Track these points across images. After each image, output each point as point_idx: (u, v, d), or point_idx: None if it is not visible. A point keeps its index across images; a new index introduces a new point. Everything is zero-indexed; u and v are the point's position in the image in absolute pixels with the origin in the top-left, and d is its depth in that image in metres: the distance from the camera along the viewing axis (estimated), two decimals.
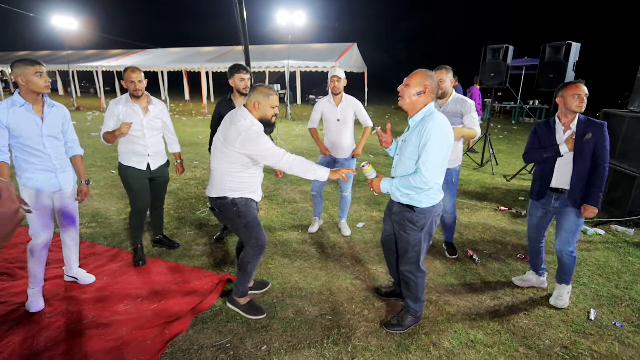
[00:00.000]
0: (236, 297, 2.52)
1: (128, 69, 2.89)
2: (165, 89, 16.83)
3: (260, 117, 2.27)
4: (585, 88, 2.42)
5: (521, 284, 2.92)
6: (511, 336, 2.33)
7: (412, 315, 2.39)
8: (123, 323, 2.41)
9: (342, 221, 3.91)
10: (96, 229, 3.85)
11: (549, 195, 2.63)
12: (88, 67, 18.43)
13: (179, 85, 21.21)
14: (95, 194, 4.93)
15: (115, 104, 2.93)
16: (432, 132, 1.95)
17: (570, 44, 5.37)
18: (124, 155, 3.03)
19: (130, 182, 3.04)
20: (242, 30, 4.60)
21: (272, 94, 2.26)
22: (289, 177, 5.88)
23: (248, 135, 2.15)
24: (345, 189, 3.75)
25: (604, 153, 2.41)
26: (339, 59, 14.87)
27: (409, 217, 2.15)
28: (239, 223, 2.36)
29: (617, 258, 3.41)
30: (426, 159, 1.97)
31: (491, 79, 6.51)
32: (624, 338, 2.34)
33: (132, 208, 3.16)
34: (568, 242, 2.56)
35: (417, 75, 2.07)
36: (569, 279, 2.64)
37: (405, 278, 2.32)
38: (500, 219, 4.33)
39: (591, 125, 2.44)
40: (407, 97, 2.08)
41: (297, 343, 2.25)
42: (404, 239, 2.23)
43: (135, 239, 3.21)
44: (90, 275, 2.91)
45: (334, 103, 3.50)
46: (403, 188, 2.08)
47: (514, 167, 6.90)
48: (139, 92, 2.91)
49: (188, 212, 4.39)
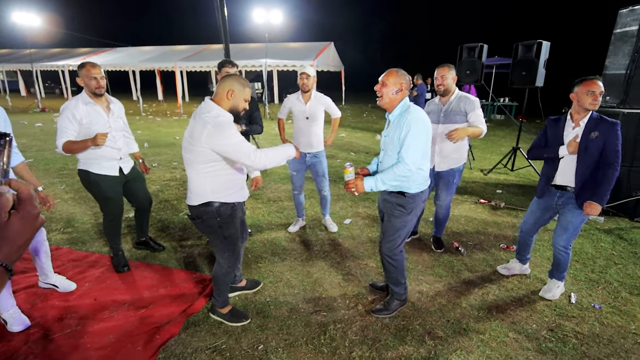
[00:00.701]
0: (218, 308, 2.41)
1: (87, 64, 2.60)
2: (138, 89, 16.29)
3: (231, 107, 2.07)
4: (601, 84, 2.36)
5: (505, 272, 3.02)
6: (500, 322, 2.42)
7: (397, 299, 2.51)
8: (110, 330, 2.32)
9: (326, 217, 3.89)
10: (73, 234, 3.68)
11: (552, 192, 2.62)
12: (53, 66, 17.56)
13: (151, 85, 20.57)
14: (69, 198, 4.71)
15: (73, 106, 2.57)
16: (410, 123, 2.10)
17: (540, 43, 5.61)
18: (91, 162, 2.72)
19: (105, 190, 2.80)
20: (222, 28, 4.51)
21: (248, 85, 2.10)
22: (272, 176, 5.83)
23: (214, 127, 1.91)
24: (322, 188, 3.70)
25: (612, 153, 2.34)
26: (316, 57, 14.89)
27: (399, 201, 2.27)
28: (219, 234, 2.19)
29: (590, 244, 3.60)
30: (407, 147, 2.11)
31: (467, 76, 6.71)
32: (603, 318, 2.47)
33: (106, 215, 2.92)
34: (562, 237, 2.58)
35: (392, 74, 2.19)
36: (560, 275, 2.67)
37: (385, 262, 2.44)
38: (481, 211, 4.47)
39: (602, 123, 2.37)
40: (386, 96, 2.19)
41: (293, 340, 2.23)
42: (390, 222, 2.33)
43: (114, 246, 3.03)
44: (71, 282, 2.76)
45: (303, 101, 3.41)
46: (388, 180, 2.16)
47: (489, 161, 7.14)
48: (102, 90, 2.64)
49: (170, 213, 4.26)
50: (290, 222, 3.97)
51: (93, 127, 2.65)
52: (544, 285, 2.77)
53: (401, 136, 2.12)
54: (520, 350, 2.17)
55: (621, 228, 3.98)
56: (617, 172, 2.37)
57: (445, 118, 3.08)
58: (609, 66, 4.59)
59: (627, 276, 3.01)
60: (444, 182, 3.22)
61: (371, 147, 8.42)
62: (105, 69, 16.50)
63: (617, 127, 2.35)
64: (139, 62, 16.60)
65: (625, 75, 4.27)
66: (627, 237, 3.75)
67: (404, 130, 2.10)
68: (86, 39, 18.91)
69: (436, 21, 37.39)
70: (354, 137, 9.89)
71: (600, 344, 2.24)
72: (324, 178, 3.67)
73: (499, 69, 15.52)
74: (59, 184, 5.28)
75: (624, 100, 4.30)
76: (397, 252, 2.39)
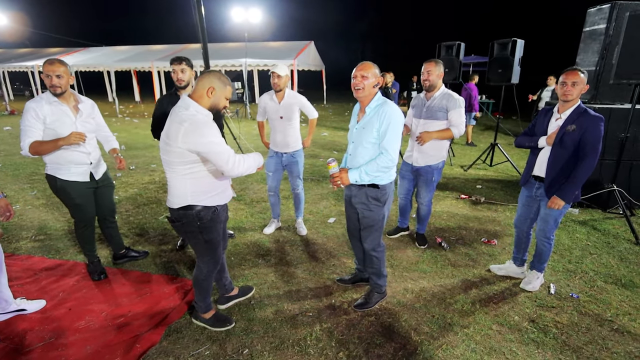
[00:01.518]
0: (201, 313, 2.33)
1: (46, 61, 2.45)
2: (113, 89, 15.81)
3: (212, 106, 1.97)
4: (578, 75, 2.33)
5: (499, 272, 2.97)
6: (484, 315, 2.45)
7: (377, 292, 2.57)
8: (87, 341, 2.22)
9: (298, 220, 3.78)
10: (45, 242, 3.51)
11: (532, 182, 2.64)
12: (22, 67, 16.81)
13: (128, 86, 19.98)
14: (41, 204, 4.50)
15: (37, 105, 2.43)
16: (392, 116, 2.14)
17: (515, 41, 5.75)
18: (59, 167, 2.57)
19: (74, 197, 2.65)
20: (199, 26, 4.41)
21: (229, 83, 2.02)
22: (254, 177, 5.75)
23: (191, 125, 1.81)
24: (296, 187, 3.63)
25: (588, 146, 2.30)
26: (296, 57, 14.82)
27: (372, 194, 2.29)
28: (200, 238, 2.09)
29: (566, 235, 3.71)
30: (390, 139, 2.15)
31: (445, 74, 6.82)
32: (581, 307, 2.55)
33: (77, 222, 2.77)
34: (544, 229, 2.60)
35: (370, 67, 2.21)
36: (540, 266, 2.72)
37: (369, 256, 2.48)
38: (462, 207, 4.54)
39: (583, 117, 2.33)
40: (367, 88, 2.21)
41: (279, 343, 2.20)
42: (368, 218, 2.35)
43: (88, 253, 2.89)
44: (39, 300, 2.56)
45: (276, 100, 3.33)
46: (372, 172, 2.19)
47: (468, 157, 7.28)
48: (57, 89, 2.45)
49: (149, 217, 4.14)
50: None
51: (58, 129, 2.48)
52: (525, 277, 2.84)
53: (381, 128, 2.15)
54: (504, 342, 2.21)
55: (595, 219, 4.12)
56: (589, 168, 2.32)
57: (427, 113, 3.11)
58: (579, 63, 4.75)
59: (602, 265, 3.12)
60: (423, 180, 3.26)
61: None
62: (79, 69, 15.98)
63: (599, 121, 2.30)
64: (114, 62, 16.11)
65: (595, 71, 4.43)
66: (601, 228, 3.88)
67: (384, 122, 2.14)
68: (57, 38, 18.21)
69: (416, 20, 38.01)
70: (337, 135, 9.90)
71: (579, 332, 2.30)
72: (299, 179, 3.60)
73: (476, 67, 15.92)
74: (30, 190, 5.04)
75: (595, 96, 4.46)
76: (380, 243, 2.45)
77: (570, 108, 2.43)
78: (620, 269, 3.06)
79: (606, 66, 4.31)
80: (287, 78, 3.31)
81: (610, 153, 4.19)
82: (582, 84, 2.35)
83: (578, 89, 2.35)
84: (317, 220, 4.08)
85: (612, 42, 4.22)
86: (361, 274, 2.80)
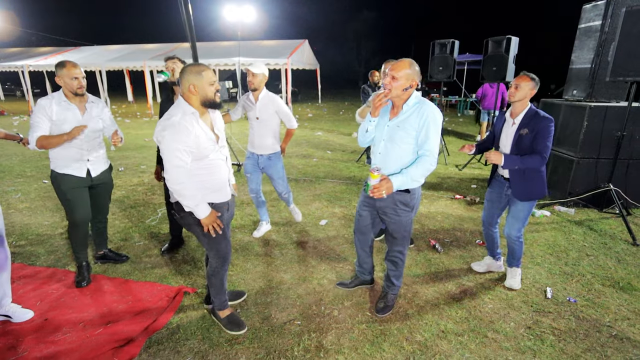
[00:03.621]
0: (217, 310, 2.33)
1: (68, 63, 2.54)
2: (105, 89, 15.59)
3: (202, 100, 1.95)
4: (522, 79, 2.45)
5: (479, 269, 2.99)
6: (479, 322, 2.37)
7: (393, 293, 2.53)
8: (62, 354, 2.10)
9: (291, 206, 3.78)
10: (26, 248, 3.38)
11: (502, 182, 2.69)
12: (12, 67, 16.50)
13: (120, 86, 19.74)
14: (24, 208, 4.36)
15: (48, 102, 2.54)
16: (434, 116, 2.05)
17: (510, 38, 5.69)
18: (59, 161, 2.65)
19: (66, 191, 2.66)
20: (187, 24, 4.28)
21: (204, 69, 1.94)
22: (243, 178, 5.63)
23: (163, 129, 1.87)
24: (282, 191, 3.53)
25: (539, 145, 2.39)
26: (290, 55, 14.68)
27: (402, 199, 2.19)
28: (197, 231, 2.10)
29: (563, 237, 3.64)
30: (433, 141, 2.06)
31: (440, 72, 6.74)
32: (579, 312, 2.47)
33: (70, 221, 2.76)
34: (513, 227, 2.64)
35: (405, 67, 2.04)
36: (516, 262, 2.76)
37: (394, 259, 2.42)
38: (457, 207, 4.46)
39: (535, 119, 2.43)
40: (396, 90, 2.07)
41: (265, 354, 2.09)
42: (397, 223, 2.27)
43: (78, 256, 2.83)
44: (27, 310, 2.46)
45: (252, 100, 3.21)
46: (418, 176, 2.09)
47: (463, 157, 7.20)
48: (83, 90, 2.60)
49: (136, 220, 4.01)
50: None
51: (63, 126, 2.57)
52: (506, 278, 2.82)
53: (423, 129, 2.05)
54: (500, 351, 2.12)
55: (591, 219, 4.06)
56: (541, 161, 2.39)
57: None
58: (575, 60, 4.68)
59: (599, 267, 3.05)
60: None
61: (348, 145, 8.34)
62: None
63: (548, 122, 2.39)
64: (106, 61, 15.85)
65: (591, 69, 4.36)
66: (597, 228, 3.82)
67: (425, 122, 2.04)
68: (47, 37, 17.92)
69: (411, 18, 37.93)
70: (331, 135, 9.80)
71: (577, 339, 2.22)
72: (282, 181, 3.48)
73: (471, 65, 15.88)
74: (13, 193, 4.89)
75: (590, 94, 4.40)
76: (407, 247, 2.43)
77: (522, 112, 2.50)
78: (618, 271, 2.99)
79: (602, 63, 4.25)
80: (264, 77, 3.16)
81: (606, 152, 4.13)
82: (526, 89, 2.44)
83: (521, 93, 2.45)
84: (308, 222, 3.98)
85: (608, 38, 4.15)
86: (363, 277, 2.72)
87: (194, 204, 1.96)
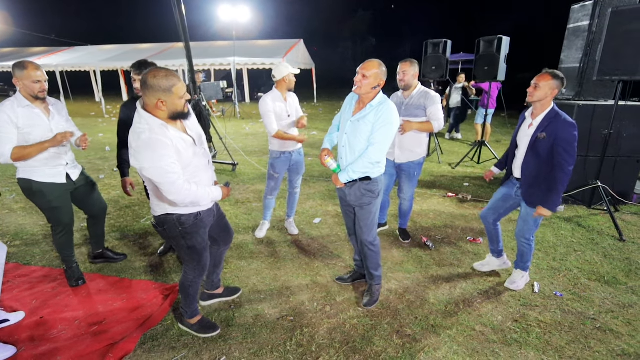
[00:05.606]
0: (186, 318, 2.28)
1: (29, 65, 2.38)
2: (100, 89, 15.49)
3: (171, 113, 1.79)
4: (543, 77, 2.29)
5: (481, 269, 2.97)
6: (467, 316, 2.43)
7: (377, 284, 2.61)
8: (58, 351, 2.13)
9: (290, 220, 3.75)
10: (21, 248, 3.40)
11: (514, 182, 2.63)
12: (4, 67, 16.40)
13: (115, 86, 19.64)
14: (18, 208, 4.37)
15: (9, 110, 2.34)
16: (390, 116, 2.16)
17: (501, 38, 5.76)
18: (33, 169, 2.49)
19: (51, 200, 2.57)
20: (181, 24, 4.31)
21: (174, 83, 1.73)
22: (241, 177, 5.68)
23: (137, 146, 1.70)
24: (297, 185, 3.61)
25: (560, 155, 2.24)
26: (285, 55, 14.71)
27: (367, 187, 2.32)
28: (182, 244, 2.04)
29: (551, 232, 3.71)
30: (381, 135, 2.17)
31: (433, 71, 6.80)
32: (564, 306, 2.54)
33: (55, 227, 2.67)
34: (522, 229, 2.59)
35: (374, 67, 2.17)
36: (523, 265, 2.70)
37: (367, 251, 2.49)
38: (449, 205, 4.53)
39: (555, 123, 2.25)
40: (365, 88, 2.19)
41: (258, 349, 2.14)
42: (365, 211, 2.38)
43: (67, 258, 2.80)
44: (19, 312, 2.47)
45: (283, 99, 3.26)
46: (359, 168, 2.24)
47: (457, 155, 7.28)
48: (45, 94, 2.47)
49: (131, 220, 4.04)
50: (259, 224, 3.85)
51: (32, 132, 2.42)
52: (509, 276, 2.82)
53: (376, 123, 2.17)
54: (487, 344, 2.18)
55: (579, 216, 4.14)
56: (566, 174, 2.25)
57: (406, 111, 3.15)
58: (564, 60, 4.76)
59: (586, 262, 3.12)
60: (405, 176, 3.29)
61: None
62: (64, 69, 15.64)
63: (569, 129, 2.21)
64: (100, 61, 15.80)
65: (579, 68, 4.44)
66: (585, 225, 3.90)
67: (381, 119, 2.16)
68: (41, 37, 17.78)
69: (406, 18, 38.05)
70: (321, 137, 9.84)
71: (562, 331, 2.29)
72: (301, 177, 3.60)
73: (465, 65, 15.99)
74: (8, 194, 4.89)
75: (579, 92, 4.47)
76: (376, 236, 2.49)
77: (542, 113, 2.36)
78: (604, 266, 3.06)
79: (590, 63, 4.32)
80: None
81: (594, 149, 4.20)
82: (546, 89, 2.28)
83: (541, 92, 2.30)
84: (302, 220, 4.02)
85: (595, 38, 4.23)
86: (361, 271, 2.82)
87: (210, 198, 1.96)
